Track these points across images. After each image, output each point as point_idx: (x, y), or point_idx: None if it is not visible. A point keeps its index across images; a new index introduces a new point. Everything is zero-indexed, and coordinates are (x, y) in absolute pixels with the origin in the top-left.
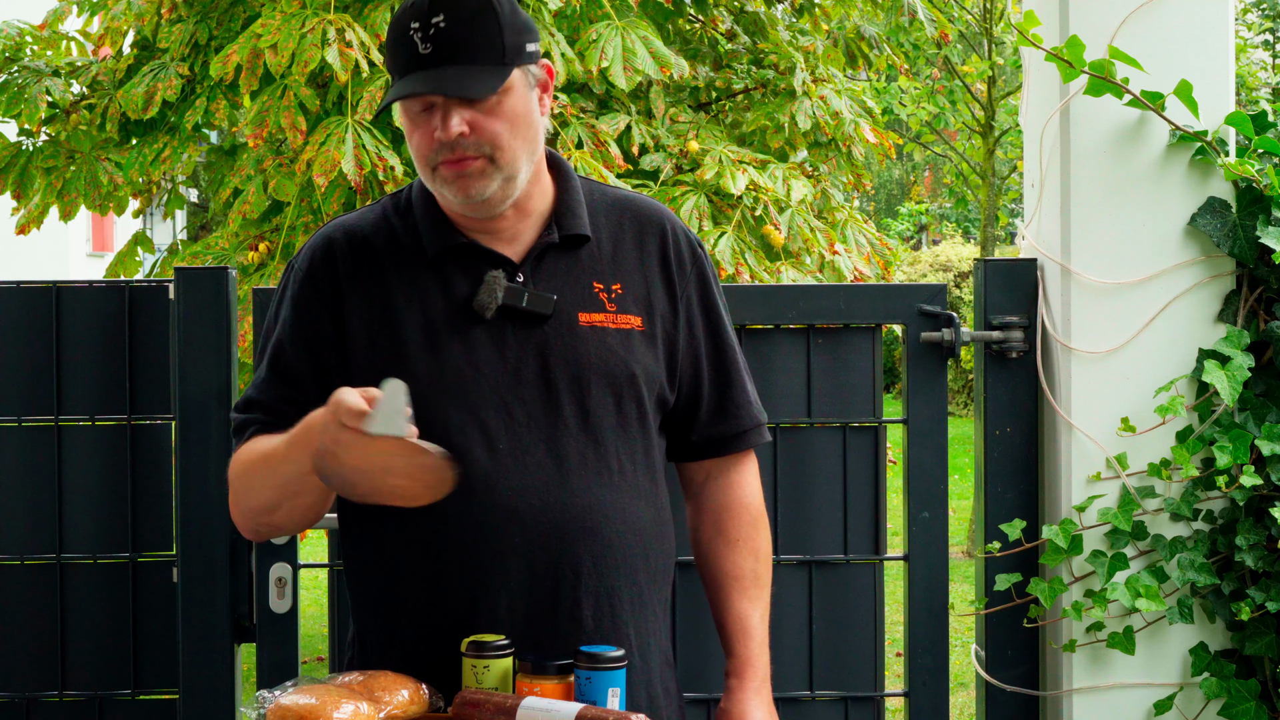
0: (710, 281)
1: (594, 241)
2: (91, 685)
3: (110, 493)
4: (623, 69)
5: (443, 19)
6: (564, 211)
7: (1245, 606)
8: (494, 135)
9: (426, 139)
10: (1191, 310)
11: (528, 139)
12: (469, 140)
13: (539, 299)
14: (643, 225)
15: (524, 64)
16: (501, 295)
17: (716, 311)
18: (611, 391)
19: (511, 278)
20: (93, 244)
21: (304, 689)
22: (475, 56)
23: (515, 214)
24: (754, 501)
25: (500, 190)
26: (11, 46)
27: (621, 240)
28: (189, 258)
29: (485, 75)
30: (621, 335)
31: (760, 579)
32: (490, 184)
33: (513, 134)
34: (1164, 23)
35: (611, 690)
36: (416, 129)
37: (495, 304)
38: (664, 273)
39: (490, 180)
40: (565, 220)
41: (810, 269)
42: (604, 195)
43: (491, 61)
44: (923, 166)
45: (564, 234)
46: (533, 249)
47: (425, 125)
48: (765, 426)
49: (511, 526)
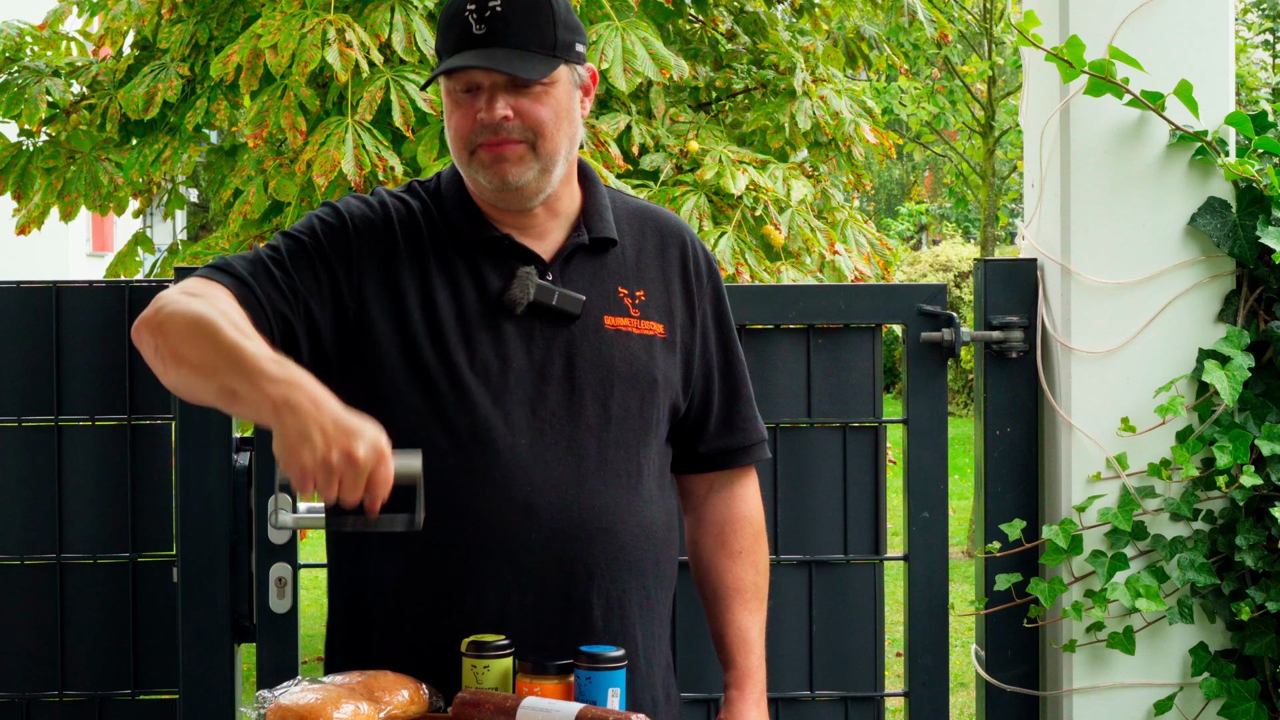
0: (724, 296)
1: (619, 247)
2: (91, 685)
3: (110, 493)
4: (623, 70)
5: (500, 3)
6: (592, 214)
7: (1245, 606)
8: (538, 121)
9: (468, 119)
10: (1191, 310)
11: (569, 135)
12: (512, 124)
13: (568, 298)
14: (664, 236)
15: (572, 62)
16: (533, 291)
17: (729, 326)
18: (634, 396)
19: (541, 275)
20: (93, 244)
21: (304, 689)
22: (527, 43)
23: (545, 212)
24: (756, 515)
25: (535, 181)
26: (12, 46)
27: (644, 249)
28: (189, 258)
29: (536, 61)
30: (644, 341)
31: (760, 592)
32: (528, 171)
33: (555, 124)
34: (1164, 23)
35: (611, 690)
36: (458, 109)
37: (527, 299)
38: (684, 284)
39: (528, 167)
40: (594, 223)
41: (810, 269)
42: (625, 204)
43: (543, 50)
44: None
45: (593, 236)
46: (562, 249)
47: (469, 106)
48: (767, 443)
49: (527, 521)
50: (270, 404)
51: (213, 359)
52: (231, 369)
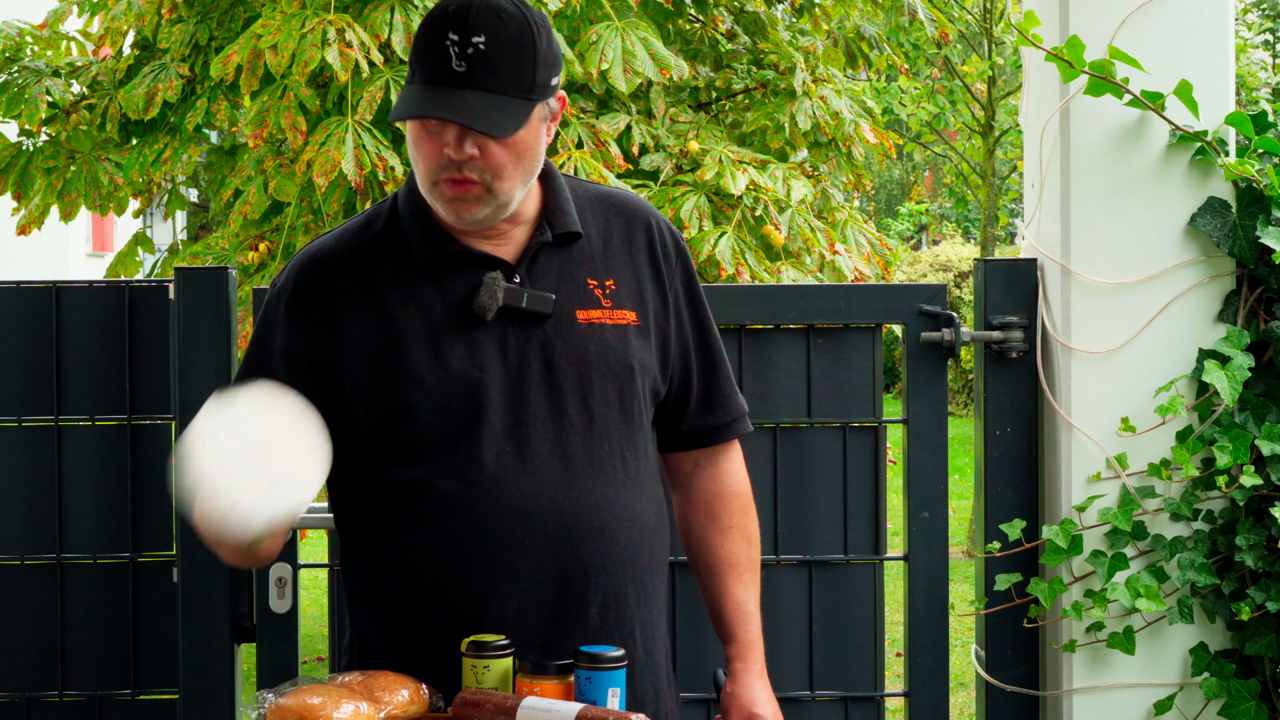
0: (693, 274)
1: (585, 238)
2: (91, 685)
3: (110, 493)
4: (623, 71)
5: (483, 41)
6: (553, 210)
7: (1245, 606)
8: (498, 166)
9: (435, 153)
10: (1191, 310)
11: (528, 170)
12: (475, 164)
13: (538, 299)
14: (629, 220)
15: (545, 99)
16: (502, 296)
17: (701, 303)
18: (613, 388)
19: (508, 279)
20: (93, 244)
21: (304, 689)
22: (506, 87)
23: (506, 222)
24: (743, 488)
25: (491, 214)
26: (12, 46)
27: (610, 236)
28: (189, 258)
29: (510, 109)
30: (619, 330)
31: (754, 564)
32: (484, 209)
33: (515, 166)
34: (1164, 23)
35: (611, 690)
36: (427, 139)
37: (496, 305)
38: (652, 266)
39: (484, 206)
40: (556, 219)
41: (810, 269)
42: (587, 191)
43: (519, 94)
44: (923, 166)
45: (556, 232)
46: (526, 249)
47: (436, 139)
48: (748, 416)
49: (521, 527)
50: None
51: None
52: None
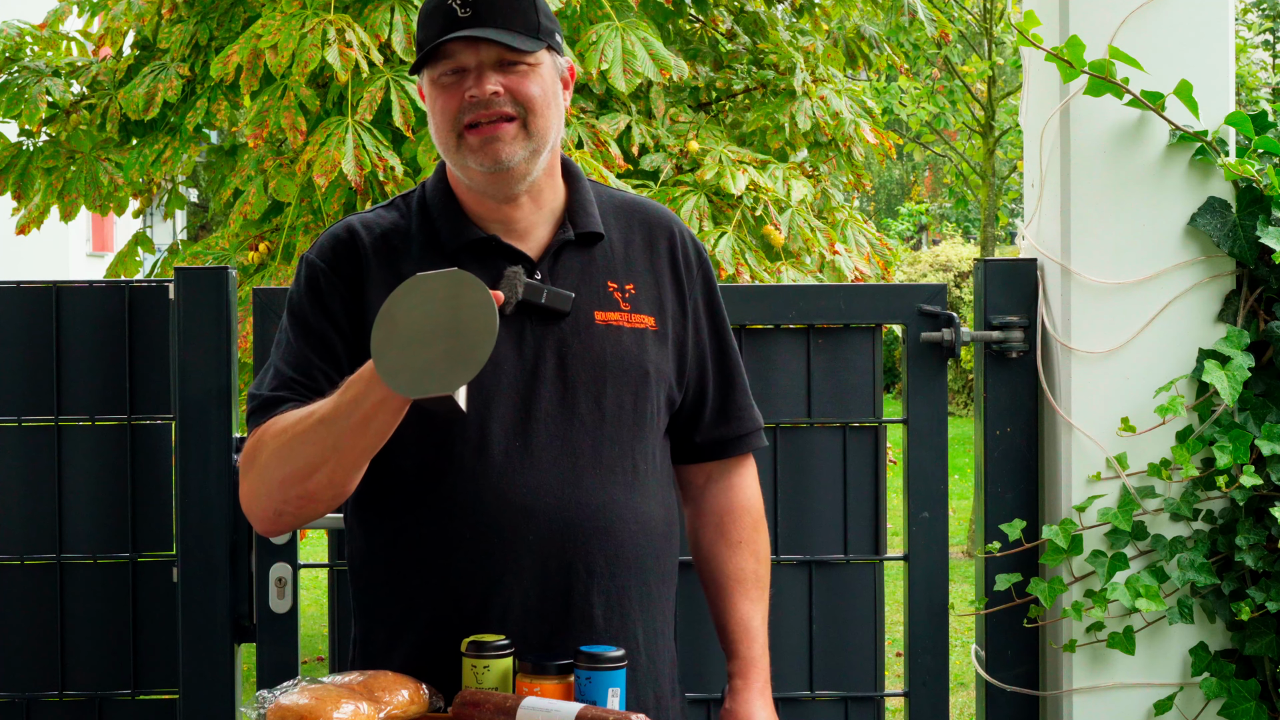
0: (714, 285)
1: (607, 241)
2: (91, 685)
3: (110, 493)
4: (622, 71)
5: None
6: (577, 209)
7: (1245, 606)
8: (529, 97)
9: (455, 101)
10: (1191, 310)
11: (556, 117)
12: (503, 98)
13: (558, 296)
14: (652, 228)
15: (554, 49)
16: (522, 291)
17: (721, 315)
18: (627, 391)
19: (529, 274)
20: (93, 244)
21: (304, 689)
22: (512, 23)
23: (530, 204)
24: (755, 504)
25: (525, 163)
26: (12, 46)
27: (632, 242)
28: (189, 258)
29: (523, 42)
30: (636, 335)
31: (761, 581)
32: (519, 150)
33: (545, 102)
34: (1164, 23)
35: (611, 690)
36: (444, 93)
37: (515, 299)
38: (673, 275)
39: (520, 146)
40: (579, 218)
41: (810, 269)
42: (611, 198)
43: (527, 32)
44: (923, 166)
45: (579, 231)
46: (550, 246)
47: (455, 89)
48: (763, 431)
49: (525, 523)
50: (379, 390)
51: (305, 440)
52: (324, 422)
